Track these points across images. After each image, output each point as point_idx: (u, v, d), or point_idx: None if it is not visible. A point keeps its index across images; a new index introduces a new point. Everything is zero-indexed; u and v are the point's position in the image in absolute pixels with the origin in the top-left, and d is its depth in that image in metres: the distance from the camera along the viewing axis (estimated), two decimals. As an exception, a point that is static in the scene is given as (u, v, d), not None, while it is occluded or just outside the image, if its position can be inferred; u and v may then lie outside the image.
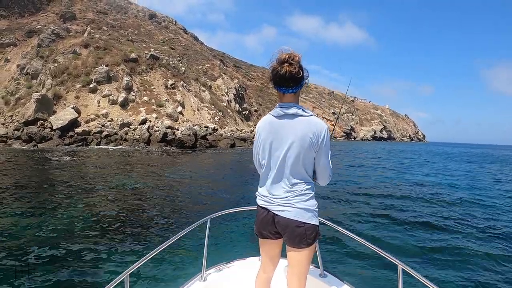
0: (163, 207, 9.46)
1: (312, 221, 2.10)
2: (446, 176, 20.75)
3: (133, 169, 17.67)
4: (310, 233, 2.09)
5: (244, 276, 2.84)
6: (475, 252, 6.69)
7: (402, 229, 8.13)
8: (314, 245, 2.18)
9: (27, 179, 13.47)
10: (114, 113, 37.84)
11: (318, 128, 2.05)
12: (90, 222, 7.60)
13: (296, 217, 2.08)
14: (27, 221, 7.55)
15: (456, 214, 10.17)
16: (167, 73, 49.27)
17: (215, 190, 12.71)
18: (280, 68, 2.01)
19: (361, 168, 24.12)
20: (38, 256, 5.58)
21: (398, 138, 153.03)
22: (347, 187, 14.12)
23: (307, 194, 2.11)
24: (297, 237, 2.09)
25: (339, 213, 9.50)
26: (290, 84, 2.03)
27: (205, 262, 2.78)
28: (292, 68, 1.99)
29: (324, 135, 2.06)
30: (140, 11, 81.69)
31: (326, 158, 2.13)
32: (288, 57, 2.01)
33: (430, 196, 13.06)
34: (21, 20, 55.96)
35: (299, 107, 2.08)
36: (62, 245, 6.08)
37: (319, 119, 2.10)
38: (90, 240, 6.40)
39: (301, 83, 2.07)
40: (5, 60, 43.15)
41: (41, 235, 6.65)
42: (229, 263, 3.04)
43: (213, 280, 2.77)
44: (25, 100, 36.42)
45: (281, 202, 2.12)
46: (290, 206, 2.09)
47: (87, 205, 9.29)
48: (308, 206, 2.10)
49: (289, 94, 2.07)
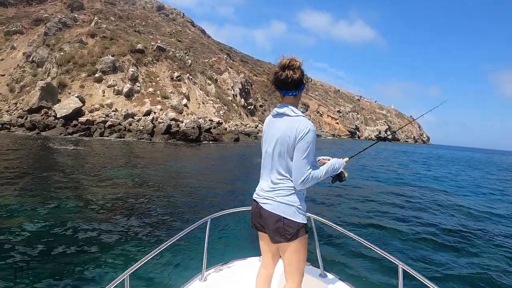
0: (164, 207, 9.28)
1: (292, 216, 2.14)
2: (446, 180, 20.51)
3: (135, 162, 17.34)
4: (289, 227, 2.13)
5: (244, 276, 2.86)
6: (475, 252, 6.70)
7: (402, 229, 8.09)
8: (298, 241, 2.16)
9: (27, 167, 13.26)
10: (119, 103, 37.58)
11: (299, 127, 2.09)
12: (90, 222, 7.46)
13: (275, 210, 2.16)
14: (25, 217, 7.35)
15: (458, 215, 10.11)
16: (173, 65, 48.94)
17: (216, 188, 12.49)
18: (281, 73, 2.12)
19: (364, 168, 23.75)
20: (37, 255, 5.48)
21: (403, 139, 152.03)
22: (349, 187, 13.84)
23: (288, 189, 2.17)
24: (275, 231, 2.16)
25: (339, 213, 9.45)
26: (290, 87, 2.15)
27: (205, 262, 2.80)
28: (294, 74, 2.11)
29: (303, 134, 2.07)
30: (148, 2, 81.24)
31: (299, 157, 2.10)
32: (289, 62, 2.11)
33: (431, 198, 12.93)
34: (28, 9, 55.76)
35: (290, 108, 2.17)
36: (62, 245, 5.98)
37: (304, 119, 2.12)
38: (90, 240, 6.33)
39: (300, 87, 2.18)
40: (11, 48, 42.98)
41: (41, 234, 6.48)
42: (229, 263, 3.05)
43: (213, 280, 2.79)
44: (30, 88, 36.23)
45: (265, 195, 2.24)
46: (271, 200, 2.19)
47: (87, 202, 9.01)
48: (288, 201, 2.15)
49: (289, 96, 2.19)
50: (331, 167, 2.30)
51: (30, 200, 8.51)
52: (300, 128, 2.08)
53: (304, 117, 2.15)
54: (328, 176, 2.32)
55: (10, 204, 8.01)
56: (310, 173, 2.12)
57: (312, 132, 2.10)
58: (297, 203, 2.16)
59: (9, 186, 9.71)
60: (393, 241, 7.17)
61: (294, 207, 2.15)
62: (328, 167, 2.28)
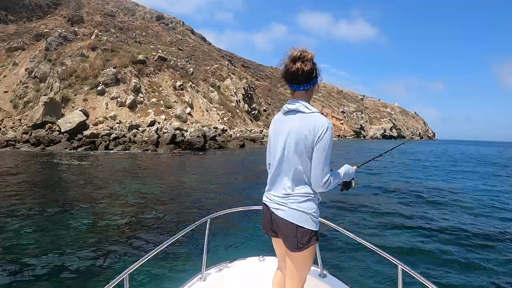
0: (164, 207, 9.46)
1: (305, 224, 2.00)
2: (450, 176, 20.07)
3: (140, 172, 17.35)
4: (302, 236, 1.99)
5: (244, 276, 2.82)
6: (475, 253, 6.61)
7: (403, 229, 8.03)
8: (308, 250, 2.03)
9: (33, 183, 13.15)
10: (123, 115, 37.43)
11: (316, 124, 1.93)
12: (90, 222, 7.64)
13: (288, 218, 2.01)
14: (29, 222, 7.58)
15: (459, 214, 9.99)
16: (175, 74, 48.83)
17: (219, 191, 12.57)
18: (292, 65, 1.97)
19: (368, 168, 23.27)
20: (38, 256, 5.63)
21: (408, 136, 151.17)
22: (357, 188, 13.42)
23: (304, 195, 2.01)
24: (288, 238, 2.03)
25: (338, 213, 9.48)
26: (301, 81, 1.99)
27: (205, 262, 2.77)
28: (304, 66, 1.95)
29: (322, 133, 1.92)
30: (147, 12, 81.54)
31: (319, 157, 1.94)
32: (300, 54, 1.96)
33: (432, 198, 12.62)
34: (29, 24, 56.02)
35: (303, 103, 2.00)
36: (62, 245, 6.13)
37: (321, 117, 1.97)
38: (90, 240, 6.45)
39: (312, 81, 2.03)
40: (13, 64, 43.02)
41: (42, 234, 6.73)
42: (229, 263, 3.01)
43: (213, 280, 2.76)
44: (33, 104, 36.19)
45: (278, 200, 2.07)
46: (284, 206, 2.03)
47: (88, 205, 9.28)
48: (303, 208, 2.00)
49: (300, 91, 2.03)
50: (345, 172, 2.16)
51: (31, 210, 8.73)
52: (318, 125, 1.92)
53: (320, 114, 1.99)
54: (341, 182, 2.19)
55: (16, 218, 8.03)
56: (332, 177, 1.99)
57: (330, 129, 1.94)
58: (312, 210, 2.01)
59: (15, 203, 9.61)
60: (393, 241, 7.11)
61: (309, 214, 2.00)
62: (345, 171, 2.16)
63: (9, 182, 13.06)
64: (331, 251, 6.15)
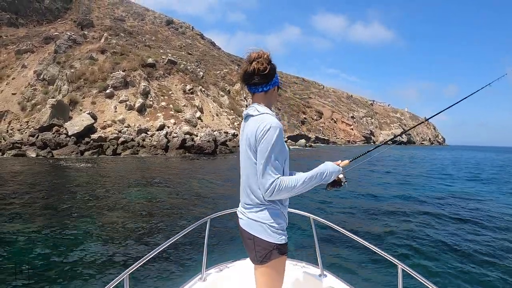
0: (166, 208, 9.51)
1: (263, 236, 1.85)
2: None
3: (147, 176, 16.85)
4: (261, 249, 1.85)
5: (244, 276, 2.71)
6: (475, 252, 6.55)
7: (402, 229, 8.00)
8: (271, 265, 1.85)
9: (39, 192, 12.45)
10: (131, 118, 36.59)
11: (260, 126, 1.80)
12: (91, 223, 7.75)
13: (246, 227, 1.93)
14: (33, 224, 7.64)
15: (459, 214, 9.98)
16: (185, 78, 48.09)
17: (221, 192, 12.54)
18: (248, 66, 1.91)
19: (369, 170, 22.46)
20: (39, 256, 5.68)
21: (418, 142, 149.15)
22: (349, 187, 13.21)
23: (258, 205, 1.89)
24: (248, 248, 1.94)
25: (338, 213, 9.54)
26: (256, 81, 1.90)
27: (205, 262, 2.73)
28: (260, 65, 1.88)
29: (262, 133, 1.78)
30: (157, 17, 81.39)
31: (260, 161, 1.78)
32: (257, 55, 1.90)
33: (433, 197, 12.81)
34: (39, 28, 55.84)
35: (255, 107, 1.91)
36: (63, 246, 6.19)
37: (267, 117, 1.83)
38: (91, 240, 6.50)
39: (270, 82, 1.92)
40: (22, 66, 42.57)
41: (45, 235, 6.81)
42: (229, 263, 2.97)
43: (213, 280, 2.71)
44: (41, 106, 35.54)
45: (240, 209, 2.02)
46: (244, 215, 1.96)
47: (90, 205, 9.42)
48: (260, 218, 1.87)
49: (258, 94, 1.94)
50: (317, 174, 1.90)
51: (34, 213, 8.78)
52: (261, 126, 1.79)
53: (270, 115, 1.85)
54: (316, 185, 1.92)
55: (20, 225, 7.82)
56: (279, 181, 1.76)
57: (274, 129, 1.77)
58: (268, 220, 1.86)
59: (21, 210, 9.25)
60: (392, 241, 7.09)
61: (265, 225, 1.86)
62: (313, 174, 1.89)
63: (14, 186, 12.83)
64: (331, 251, 6.18)
